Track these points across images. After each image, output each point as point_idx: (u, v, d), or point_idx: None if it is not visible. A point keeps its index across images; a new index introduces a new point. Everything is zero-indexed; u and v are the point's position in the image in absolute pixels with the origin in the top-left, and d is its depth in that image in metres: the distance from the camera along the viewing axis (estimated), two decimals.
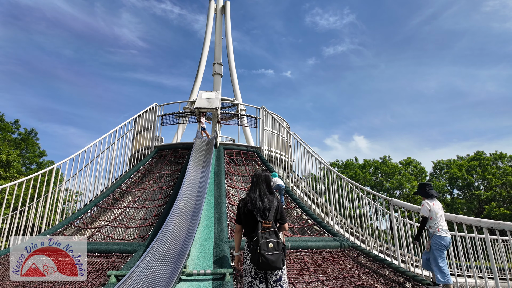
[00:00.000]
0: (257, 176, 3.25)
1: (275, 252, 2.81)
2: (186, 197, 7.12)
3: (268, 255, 2.77)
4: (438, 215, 4.94)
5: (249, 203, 3.09)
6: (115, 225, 7.33)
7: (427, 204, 5.02)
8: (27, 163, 27.79)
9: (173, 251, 5.12)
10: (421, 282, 5.26)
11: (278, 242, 2.87)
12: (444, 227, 4.90)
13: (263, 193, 3.13)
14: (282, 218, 3.15)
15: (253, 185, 3.21)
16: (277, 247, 2.84)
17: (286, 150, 12.15)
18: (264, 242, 2.82)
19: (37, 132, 29.47)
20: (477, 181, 34.59)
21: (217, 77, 17.16)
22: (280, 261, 2.81)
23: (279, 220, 3.14)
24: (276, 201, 3.14)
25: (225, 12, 18.55)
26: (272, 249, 2.81)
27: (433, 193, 5.12)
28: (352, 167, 40.64)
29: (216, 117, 12.02)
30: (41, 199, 8.09)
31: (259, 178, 3.21)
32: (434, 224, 4.90)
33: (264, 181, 3.21)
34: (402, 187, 36.37)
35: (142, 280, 4.00)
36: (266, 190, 3.17)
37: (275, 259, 2.78)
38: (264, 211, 3.01)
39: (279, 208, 3.13)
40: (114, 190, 8.67)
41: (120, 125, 10.13)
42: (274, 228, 2.95)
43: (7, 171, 19.14)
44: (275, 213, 3.06)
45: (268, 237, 2.87)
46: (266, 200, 3.09)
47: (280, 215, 3.12)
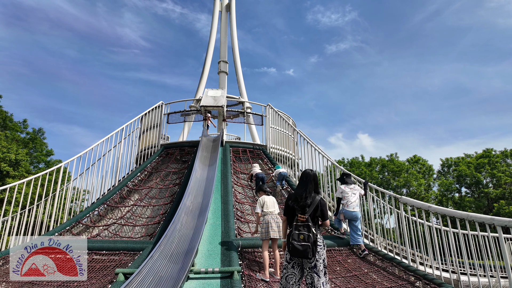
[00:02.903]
0: (306, 174, 3.49)
1: (304, 243, 3.12)
2: (193, 195, 7.10)
3: (297, 245, 3.13)
4: (348, 196, 6.37)
5: (292, 199, 3.39)
6: (122, 223, 7.34)
7: (339, 187, 6.54)
8: (35, 162, 28.11)
9: (180, 249, 5.10)
10: (432, 281, 5.17)
11: (309, 235, 3.14)
12: (351, 205, 6.31)
13: (309, 191, 3.38)
14: (322, 216, 3.38)
15: (302, 183, 3.46)
16: (307, 239, 3.13)
17: (292, 148, 12.07)
18: (296, 233, 3.18)
19: (45, 131, 29.78)
20: (486, 178, 34.08)
21: (223, 75, 17.12)
22: (308, 252, 3.10)
23: (319, 217, 3.37)
24: (319, 200, 3.36)
25: (230, 9, 18.47)
26: (302, 240, 3.13)
27: (348, 181, 6.58)
28: (358, 165, 40.33)
29: (222, 115, 11.98)
30: (49, 197, 8.15)
31: (308, 177, 3.45)
32: (345, 202, 6.35)
33: (312, 180, 3.45)
34: (409, 185, 36.00)
35: (150, 278, 3.98)
36: (313, 189, 3.41)
37: (303, 249, 3.11)
38: (304, 207, 3.28)
39: (320, 206, 3.36)
40: (121, 189, 8.69)
41: (127, 123, 10.15)
42: (309, 223, 3.21)
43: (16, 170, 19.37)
44: (315, 210, 3.31)
45: (301, 229, 3.19)
46: (310, 198, 3.34)
47: (320, 213, 3.35)
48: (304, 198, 3.33)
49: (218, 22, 18.48)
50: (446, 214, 5.54)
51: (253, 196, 8.61)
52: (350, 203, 6.35)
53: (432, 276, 5.37)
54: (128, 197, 8.66)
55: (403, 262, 5.88)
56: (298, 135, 11.42)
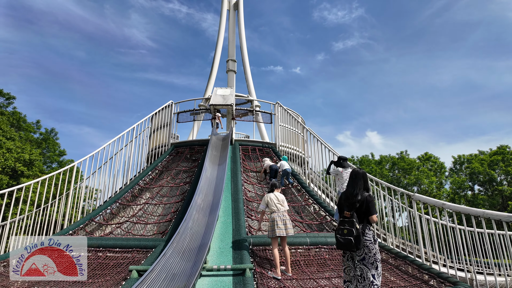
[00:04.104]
0: (356, 173, 3.67)
1: (346, 237, 3.35)
2: (204, 193, 7.14)
3: (340, 238, 3.39)
4: (343, 178, 6.40)
5: (343, 197, 3.62)
6: (134, 221, 7.43)
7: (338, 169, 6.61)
8: (48, 162, 28.70)
9: (193, 246, 5.13)
10: (447, 279, 5.07)
11: (352, 230, 3.35)
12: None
13: (359, 188, 3.57)
14: (368, 211, 3.52)
15: (352, 181, 3.65)
16: (349, 234, 3.34)
17: (301, 146, 12.01)
18: (340, 228, 3.43)
19: (57, 131, 30.36)
20: (499, 176, 33.32)
21: (231, 73, 17.14)
22: (351, 245, 3.32)
23: (365, 213, 3.52)
24: (365, 197, 3.53)
25: (238, 8, 18.46)
26: (345, 234, 3.36)
27: (345, 165, 6.62)
28: (368, 163, 39.90)
29: (231, 114, 12.00)
30: (62, 196, 8.30)
31: (358, 175, 3.64)
32: (342, 184, 6.38)
33: (361, 178, 3.63)
34: (420, 183, 35.46)
35: (164, 275, 4.01)
36: (362, 186, 3.60)
37: (345, 242, 3.35)
38: (354, 204, 3.48)
39: (366, 202, 3.51)
40: (133, 187, 8.79)
41: (137, 123, 10.26)
42: (352, 219, 3.42)
43: (30, 170, 19.79)
44: (360, 206, 3.49)
45: (345, 224, 3.42)
46: (360, 195, 3.53)
47: (366, 208, 3.50)
48: (354, 196, 3.52)
49: (226, 21, 18.49)
50: (461, 212, 5.44)
51: (263, 193, 8.61)
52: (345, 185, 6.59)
53: (447, 274, 5.27)
54: (140, 195, 8.75)
55: (417, 261, 5.79)
56: (307, 133, 11.36)
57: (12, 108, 24.32)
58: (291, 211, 7.90)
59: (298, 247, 6.01)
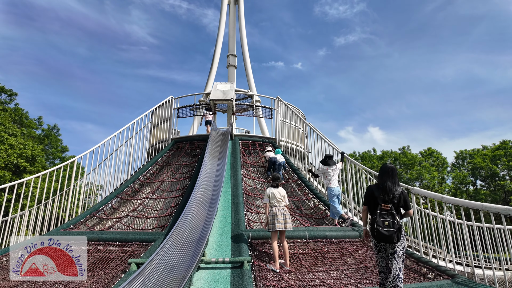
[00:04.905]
0: (391, 168, 3.79)
1: (389, 229, 3.46)
2: (203, 188, 7.16)
3: (383, 230, 3.47)
4: (330, 175, 7.07)
5: (379, 190, 3.69)
6: (135, 216, 7.48)
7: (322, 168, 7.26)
8: (50, 158, 28.87)
9: (191, 239, 5.17)
10: (445, 272, 5.09)
11: (394, 222, 3.49)
12: (333, 183, 7.05)
13: (396, 183, 3.71)
14: (406, 206, 3.69)
15: (388, 176, 3.74)
16: (392, 226, 3.47)
17: (302, 141, 12.00)
18: (380, 220, 3.52)
19: (59, 128, 30.51)
20: (502, 171, 33.18)
21: (232, 68, 17.08)
22: (393, 237, 3.44)
23: (402, 207, 3.68)
24: (400, 191, 3.67)
25: (238, 2, 18.34)
26: (387, 226, 3.47)
27: (330, 163, 7.16)
28: (370, 159, 39.84)
29: (231, 109, 11.99)
30: (63, 191, 8.35)
31: (393, 171, 3.77)
32: (327, 181, 7.09)
33: (396, 174, 3.79)
34: (422, 178, 35.40)
35: (162, 267, 4.05)
36: (396, 181, 3.74)
37: (388, 234, 3.45)
38: (391, 197, 3.60)
39: (403, 197, 3.67)
40: (134, 182, 8.84)
41: (138, 118, 10.27)
42: (392, 211, 3.55)
43: (32, 166, 19.93)
44: (398, 200, 3.62)
45: (385, 217, 3.53)
46: (398, 189, 3.67)
47: (403, 202, 3.66)
48: (393, 190, 3.64)
49: (226, 15, 18.38)
50: (460, 205, 5.43)
51: (262, 188, 8.63)
52: (331, 182, 7.09)
53: (445, 268, 5.29)
54: (140, 190, 8.80)
55: (415, 254, 5.81)
56: (308, 128, 11.34)
57: (14, 104, 24.45)
58: (291, 205, 7.92)
59: (297, 240, 6.04)
